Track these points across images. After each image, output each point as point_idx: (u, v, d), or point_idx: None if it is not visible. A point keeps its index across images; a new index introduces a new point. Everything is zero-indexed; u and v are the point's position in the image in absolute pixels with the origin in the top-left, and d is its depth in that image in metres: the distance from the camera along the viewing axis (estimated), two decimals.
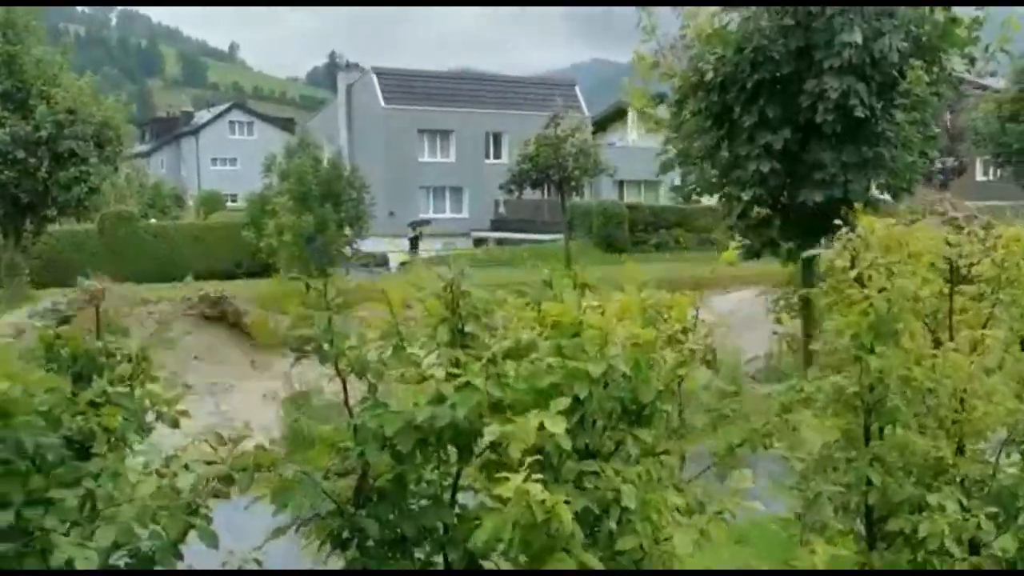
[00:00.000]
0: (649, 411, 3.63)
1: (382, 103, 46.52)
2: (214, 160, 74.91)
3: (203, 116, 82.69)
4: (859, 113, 9.05)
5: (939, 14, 9.44)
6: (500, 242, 45.10)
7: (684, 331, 3.97)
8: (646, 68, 10.44)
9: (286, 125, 75.65)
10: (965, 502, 3.98)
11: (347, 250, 28.59)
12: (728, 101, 9.67)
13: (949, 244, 4.46)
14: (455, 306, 3.89)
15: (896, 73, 9.27)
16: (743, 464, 3.79)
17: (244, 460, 3.22)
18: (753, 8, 9.46)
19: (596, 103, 56.09)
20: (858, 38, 8.71)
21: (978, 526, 3.79)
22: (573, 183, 35.49)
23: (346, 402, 3.72)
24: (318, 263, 27.41)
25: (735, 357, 13.53)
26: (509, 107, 48.29)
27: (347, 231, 28.12)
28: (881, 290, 3.85)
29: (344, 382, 3.71)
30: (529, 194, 38.46)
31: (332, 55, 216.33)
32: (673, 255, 38.66)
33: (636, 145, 44.33)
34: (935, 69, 9.48)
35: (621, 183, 45.89)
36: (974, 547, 4.04)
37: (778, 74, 9.36)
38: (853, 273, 4.02)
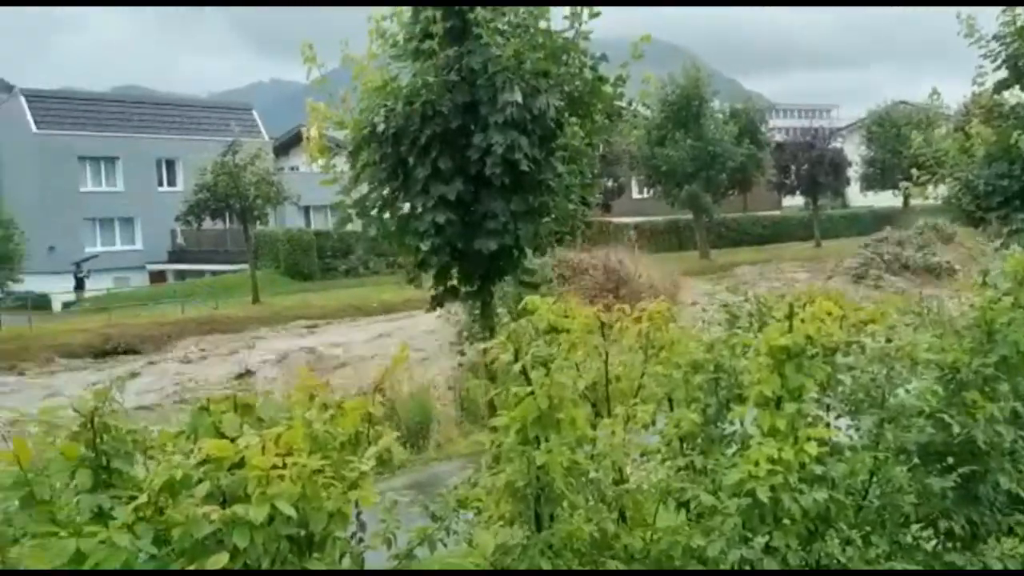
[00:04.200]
0: (320, 538, 3.49)
1: (33, 128, 42.05)
2: None
3: None
4: (524, 166, 9.48)
5: (587, 73, 10.16)
6: (180, 274, 42.60)
7: (357, 437, 3.88)
8: (319, 118, 10.26)
9: None
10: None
11: None
12: (402, 153, 9.75)
13: (603, 324, 4.79)
14: (97, 443, 3.49)
15: (555, 127, 9.84)
16: None
17: None
18: (419, 63, 9.62)
19: (277, 124, 54.83)
20: (519, 97, 9.13)
21: None
22: (256, 212, 34.45)
23: None
24: None
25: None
26: (181, 132, 45.72)
27: None
28: (543, 385, 4.02)
29: None
30: (209, 224, 36.72)
31: None
32: (362, 280, 38.78)
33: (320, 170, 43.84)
34: (588, 123, 10.22)
35: (307, 208, 45.17)
36: None
37: (448, 128, 9.57)
38: (517, 367, 4.16)
